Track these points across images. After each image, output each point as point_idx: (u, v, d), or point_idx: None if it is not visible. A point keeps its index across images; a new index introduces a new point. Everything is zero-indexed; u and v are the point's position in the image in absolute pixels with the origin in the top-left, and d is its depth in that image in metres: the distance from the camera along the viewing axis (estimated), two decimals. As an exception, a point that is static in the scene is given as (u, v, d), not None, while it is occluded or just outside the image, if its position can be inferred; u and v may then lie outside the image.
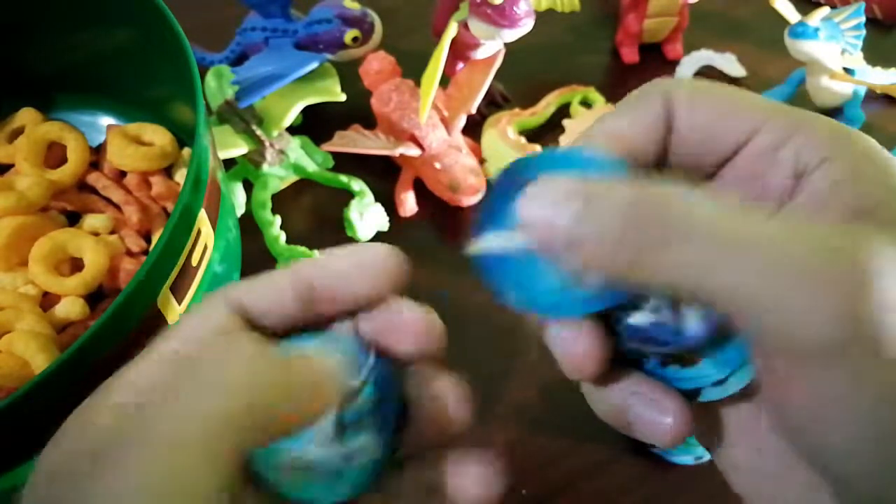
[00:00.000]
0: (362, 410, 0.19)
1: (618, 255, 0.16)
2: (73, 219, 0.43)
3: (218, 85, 0.52)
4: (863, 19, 0.51)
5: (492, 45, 0.50)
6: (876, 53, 0.56)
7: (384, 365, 0.20)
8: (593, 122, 0.20)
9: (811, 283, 0.15)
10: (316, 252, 0.46)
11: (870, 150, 0.18)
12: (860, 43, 0.52)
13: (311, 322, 0.21)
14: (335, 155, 0.52)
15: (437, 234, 0.50)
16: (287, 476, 0.19)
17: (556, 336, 0.19)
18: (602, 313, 0.19)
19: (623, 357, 0.20)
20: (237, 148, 0.48)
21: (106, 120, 0.48)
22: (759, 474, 0.20)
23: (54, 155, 0.44)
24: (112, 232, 0.42)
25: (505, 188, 0.19)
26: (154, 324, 0.30)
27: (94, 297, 0.39)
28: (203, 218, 0.33)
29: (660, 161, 0.20)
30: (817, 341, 0.15)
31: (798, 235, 0.16)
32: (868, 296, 0.15)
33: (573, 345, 0.19)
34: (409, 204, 0.50)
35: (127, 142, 0.43)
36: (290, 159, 0.50)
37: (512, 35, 0.47)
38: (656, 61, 0.62)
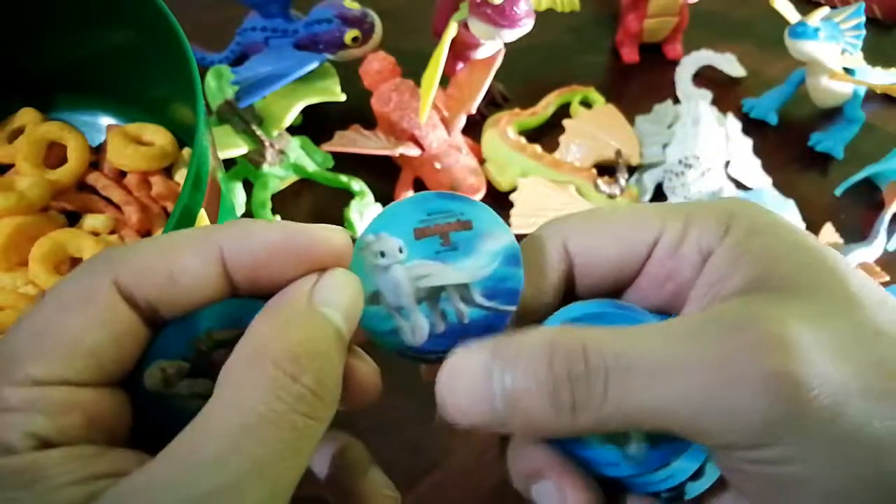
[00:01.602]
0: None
1: (556, 409, 0.17)
2: (73, 219, 0.43)
3: (218, 85, 0.52)
4: (863, 19, 0.51)
5: (492, 45, 0.50)
6: (876, 53, 0.56)
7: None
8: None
9: (734, 381, 0.15)
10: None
11: (758, 222, 0.19)
12: (860, 43, 0.52)
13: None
14: (335, 155, 0.52)
15: (437, 234, 0.50)
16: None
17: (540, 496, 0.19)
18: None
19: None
20: (237, 148, 0.48)
21: (106, 120, 0.48)
22: None
23: (54, 155, 0.44)
24: (112, 232, 0.42)
25: None
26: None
27: (94, 297, 0.39)
28: (203, 218, 0.33)
29: (566, 295, 0.21)
30: (757, 431, 0.15)
31: (703, 333, 0.16)
32: (787, 368, 0.15)
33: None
34: (409, 204, 0.50)
35: (127, 142, 0.43)
36: (290, 159, 0.50)
37: (512, 35, 0.47)
38: (656, 61, 0.62)
